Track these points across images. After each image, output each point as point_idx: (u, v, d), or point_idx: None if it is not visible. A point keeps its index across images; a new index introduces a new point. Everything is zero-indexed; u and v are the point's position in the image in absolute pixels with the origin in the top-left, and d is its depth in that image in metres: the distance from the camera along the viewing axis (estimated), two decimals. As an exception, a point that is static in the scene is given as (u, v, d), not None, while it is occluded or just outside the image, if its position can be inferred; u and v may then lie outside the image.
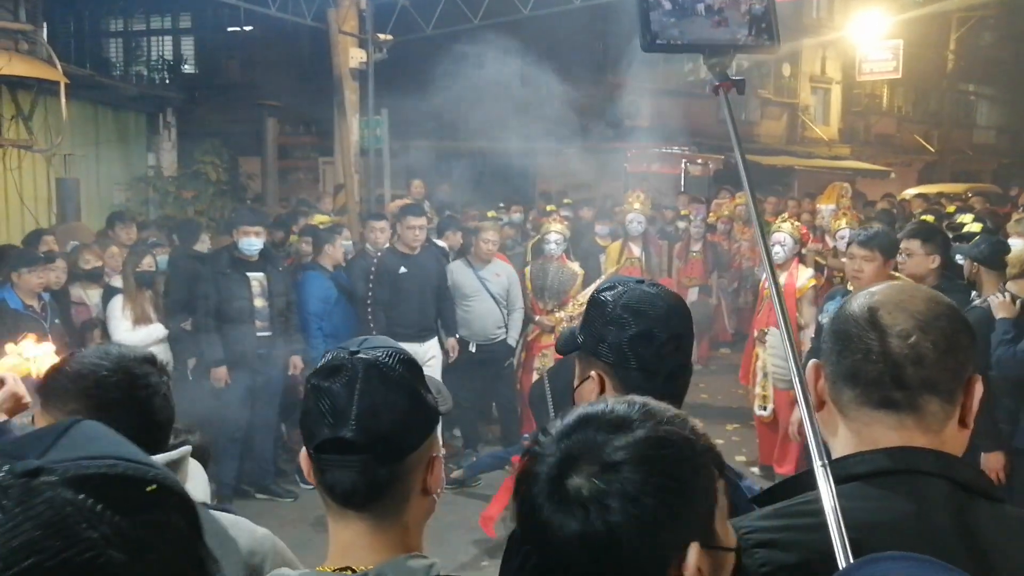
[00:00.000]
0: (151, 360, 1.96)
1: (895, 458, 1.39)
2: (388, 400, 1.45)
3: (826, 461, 1.34)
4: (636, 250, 9.16)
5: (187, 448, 2.03)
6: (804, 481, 1.46)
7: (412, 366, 1.52)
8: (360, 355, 1.48)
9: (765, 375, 6.94)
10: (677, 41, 1.63)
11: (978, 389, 1.45)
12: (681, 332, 1.90)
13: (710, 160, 20.49)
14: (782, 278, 6.83)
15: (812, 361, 1.54)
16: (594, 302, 1.95)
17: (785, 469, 6.75)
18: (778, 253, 6.83)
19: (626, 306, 1.88)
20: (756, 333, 7.15)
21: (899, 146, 28.29)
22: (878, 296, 1.47)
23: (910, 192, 17.98)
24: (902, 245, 5.15)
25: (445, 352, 7.52)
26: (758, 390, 7.06)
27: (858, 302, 1.49)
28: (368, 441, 1.42)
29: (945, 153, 29.31)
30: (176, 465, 1.95)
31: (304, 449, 1.51)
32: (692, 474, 1.13)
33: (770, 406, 6.94)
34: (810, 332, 6.55)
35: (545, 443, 1.17)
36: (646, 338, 1.85)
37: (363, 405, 1.43)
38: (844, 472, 1.38)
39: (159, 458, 1.84)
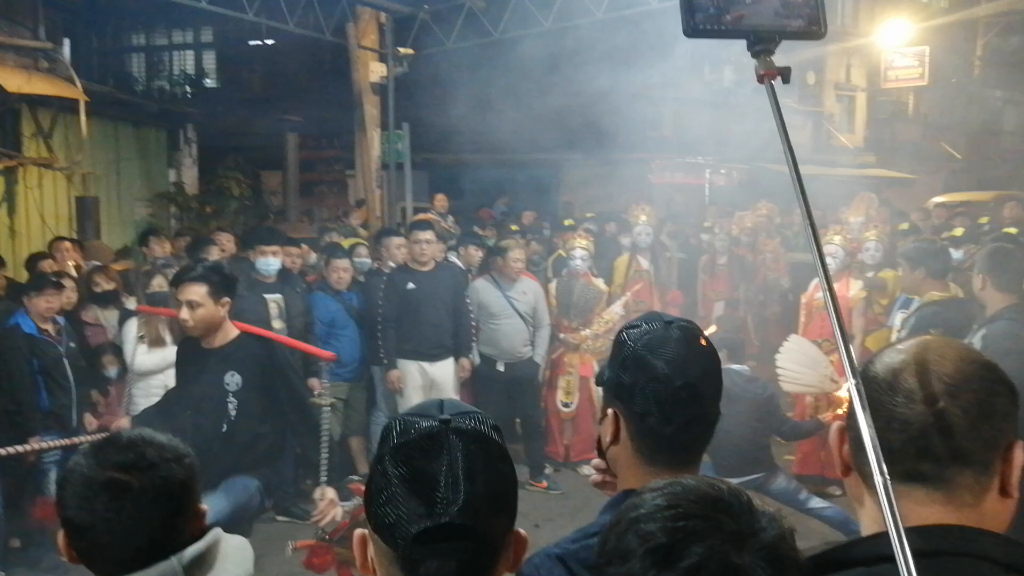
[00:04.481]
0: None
1: (927, 539, 1.24)
2: (492, 477, 1.30)
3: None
4: (644, 263, 9.01)
5: (216, 532, 1.87)
6: (857, 552, 1.32)
7: (501, 432, 1.38)
8: (454, 425, 1.32)
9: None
10: (721, 26, 1.54)
11: (1018, 456, 1.30)
12: (698, 381, 1.80)
13: (734, 170, 20.26)
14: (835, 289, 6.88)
15: (836, 424, 1.41)
16: (617, 340, 1.89)
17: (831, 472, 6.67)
18: (830, 265, 6.96)
19: (644, 348, 1.81)
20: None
21: (925, 153, 27.93)
22: (903, 355, 1.33)
23: (936, 200, 17.69)
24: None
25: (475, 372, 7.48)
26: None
27: (882, 362, 1.35)
28: (476, 524, 1.27)
29: (972, 160, 28.93)
30: (205, 557, 1.79)
31: (363, 535, 1.34)
32: None
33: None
34: (858, 341, 6.94)
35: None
36: (660, 384, 1.78)
37: (471, 486, 1.27)
38: (874, 553, 1.24)
39: (189, 552, 1.75)
